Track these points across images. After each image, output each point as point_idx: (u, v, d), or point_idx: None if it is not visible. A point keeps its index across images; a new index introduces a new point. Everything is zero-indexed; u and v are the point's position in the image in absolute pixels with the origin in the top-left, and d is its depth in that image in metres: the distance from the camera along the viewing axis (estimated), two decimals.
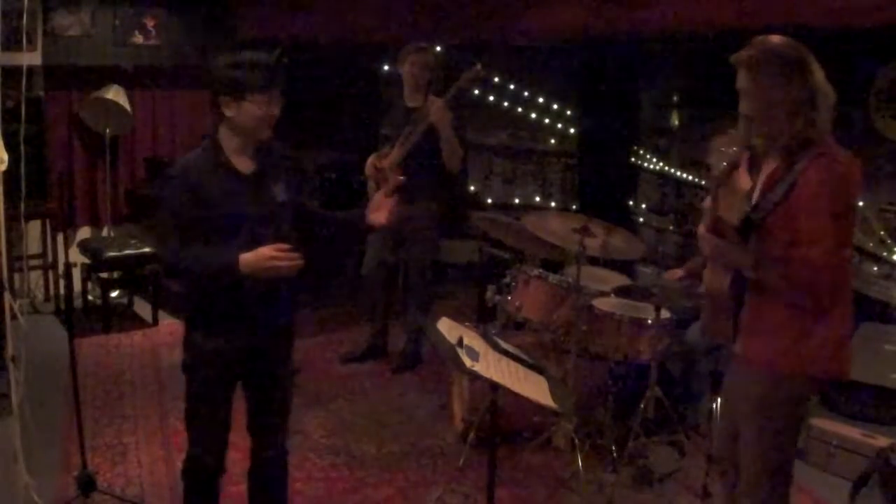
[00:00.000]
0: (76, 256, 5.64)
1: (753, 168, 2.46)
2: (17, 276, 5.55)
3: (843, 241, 2.20)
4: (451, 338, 2.28)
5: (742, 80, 2.30)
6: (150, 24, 6.13)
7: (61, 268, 5.31)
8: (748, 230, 2.29)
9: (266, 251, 2.39)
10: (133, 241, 5.56)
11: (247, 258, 2.39)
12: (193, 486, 2.69)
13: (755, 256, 2.25)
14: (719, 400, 3.43)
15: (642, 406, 3.60)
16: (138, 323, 5.53)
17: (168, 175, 2.53)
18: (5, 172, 3.20)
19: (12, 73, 3.84)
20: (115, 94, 5.78)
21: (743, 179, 2.44)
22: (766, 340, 2.30)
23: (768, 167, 2.34)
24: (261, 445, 2.74)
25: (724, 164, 2.31)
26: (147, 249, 5.46)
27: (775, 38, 2.27)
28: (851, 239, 2.27)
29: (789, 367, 2.27)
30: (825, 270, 2.16)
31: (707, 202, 2.49)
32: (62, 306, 5.67)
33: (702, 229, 2.40)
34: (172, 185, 2.48)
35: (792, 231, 2.20)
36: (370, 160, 4.71)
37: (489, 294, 4.16)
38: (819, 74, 2.24)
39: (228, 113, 2.46)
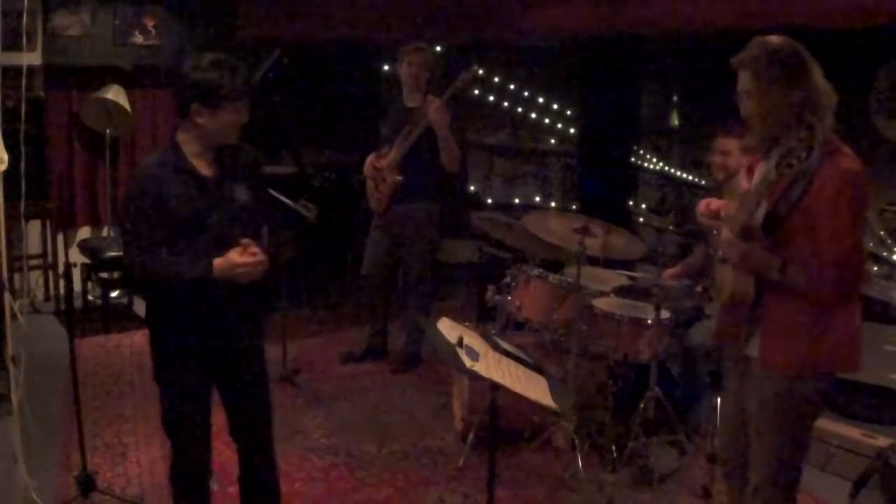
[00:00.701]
0: (76, 256, 5.64)
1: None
2: (17, 276, 5.55)
3: (860, 237, 2.21)
4: (451, 338, 2.28)
5: (743, 82, 2.27)
6: (150, 24, 6.13)
7: (61, 268, 5.31)
8: (769, 231, 2.28)
9: (235, 258, 2.39)
10: None
11: (220, 264, 2.39)
12: (181, 490, 2.68)
13: (782, 259, 2.24)
14: (719, 400, 3.43)
15: (642, 406, 3.60)
16: (138, 323, 5.52)
17: (131, 180, 2.50)
18: (5, 172, 3.20)
19: (12, 73, 3.83)
20: (115, 94, 5.78)
21: (742, 182, 2.44)
22: (785, 342, 2.29)
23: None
24: (246, 450, 2.73)
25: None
26: None
27: (775, 39, 2.25)
28: (863, 236, 2.27)
29: (810, 366, 2.27)
30: (849, 267, 2.17)
31: (717, 208, 2.48)
32: (62, 306, 5.67)
33: (727, 234, 2.37)
34: (135, 191, 2.44)
35: (812, 230, 2.19)
36: (369, 160, 4.71)
37: (489, 294, 4.17)
38: (818, 75, 2.23)
39: (199, 120, 2.40)
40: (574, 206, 6.24)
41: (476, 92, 6.63)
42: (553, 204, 6.63)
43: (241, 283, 2.44)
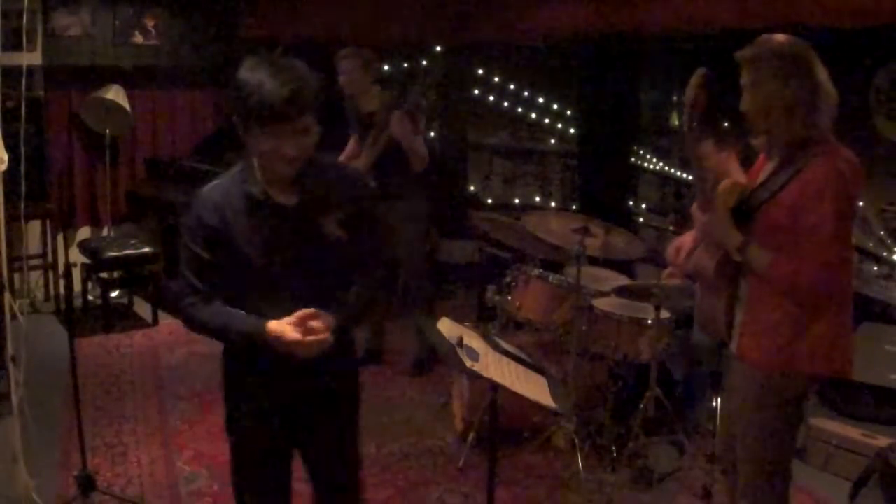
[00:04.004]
0: (76, 256, 5.64)
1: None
2: (17, 276, 5.55)
3: (842, 239, 2.19)
4: (451, 338, 2.27)
5: (744, 77, 2.30)
6: (150, 24, 6.14)
7: (61, 268, 5.31)
8: (741, 218, 2.30)
9: (289, 333, 1.92)
10: (133, 241, 5.56)
11: (273, 329, 1.94)
12: None
13: (744, 239, 2.26)
14: (720, 399, 3.44)
15: (642, 406, 3.60)
16: (138, 323, 5.53)
17: (189, 207, 2.06)
18: (5, 172, 3.21)
19: (12, 73, 3.83)
20: (115, 94, 5.78)
21: (737, 173, 2.46)
22: (760, 339, 2.30)
23: (770, 166, 2.34)
24: None
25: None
26: (147, 249, 5.47)
27: (778, 37, 2.27)
28: (850, 239, 2.27)
29: (784, 366, 2.26)
30: (820, 267, 2.16)
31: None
32: (62, 306, 5.67)
33: (695, 208, 2.42)
34: (190, 219, 2.03)
35: (789, 226, 2.20)
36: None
37: (489, 294, 4.17)
38: (822, 74, 2.23)
39: (241, 134, 1.97)
40: (574, 206, 6.23)
41: (476, 92, 6.63)
42: (553, 204, 6.63)
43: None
